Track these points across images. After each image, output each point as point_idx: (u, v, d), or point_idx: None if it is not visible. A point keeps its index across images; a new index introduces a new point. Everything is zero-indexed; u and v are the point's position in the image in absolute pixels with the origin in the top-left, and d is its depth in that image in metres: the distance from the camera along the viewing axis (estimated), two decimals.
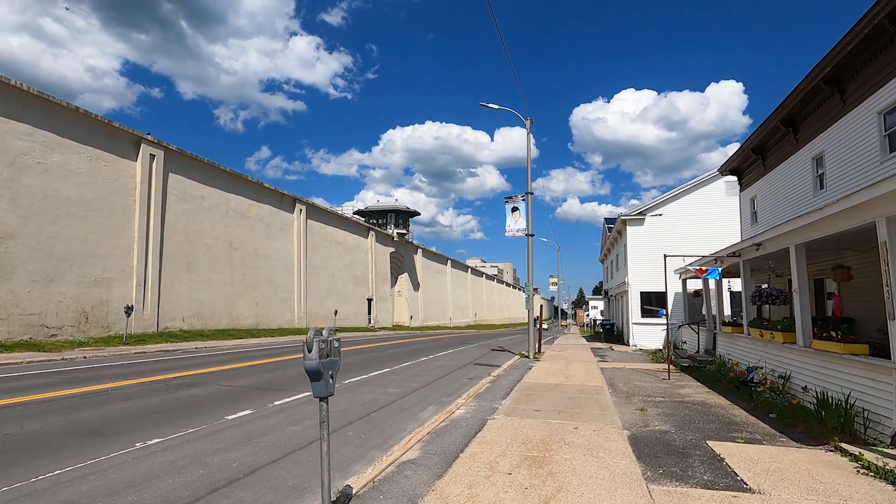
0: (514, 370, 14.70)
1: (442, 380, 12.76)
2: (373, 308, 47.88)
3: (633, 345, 25.61)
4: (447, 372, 14.37)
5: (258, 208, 31.80)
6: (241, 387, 10.56)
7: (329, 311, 38.53)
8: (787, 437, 7.04)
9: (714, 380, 12.43)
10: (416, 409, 8.98)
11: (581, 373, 14.13)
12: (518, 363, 16.78)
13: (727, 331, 13.85)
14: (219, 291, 27.70)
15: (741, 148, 18.43)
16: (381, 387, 11.21)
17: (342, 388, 10.71)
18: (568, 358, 18.93)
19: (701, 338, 17.19)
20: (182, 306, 25.12)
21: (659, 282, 26.50)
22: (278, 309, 32.96)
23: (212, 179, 27.88)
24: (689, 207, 25.80)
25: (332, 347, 3.80)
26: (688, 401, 9.89)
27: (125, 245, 22.21)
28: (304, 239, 36.62)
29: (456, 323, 76.20)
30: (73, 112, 20.25)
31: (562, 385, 11.74)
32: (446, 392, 10.91)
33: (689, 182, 26.08)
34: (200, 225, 26.88)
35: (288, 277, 34.43)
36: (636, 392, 10.91)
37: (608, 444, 6.54)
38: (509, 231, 19.83)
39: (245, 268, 30.13)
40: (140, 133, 23.16)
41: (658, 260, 26.26)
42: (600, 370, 15.01)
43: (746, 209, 19.80)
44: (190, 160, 26.28)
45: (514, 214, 19.74)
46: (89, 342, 19.38)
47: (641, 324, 25.72)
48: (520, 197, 19.69)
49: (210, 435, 6.75)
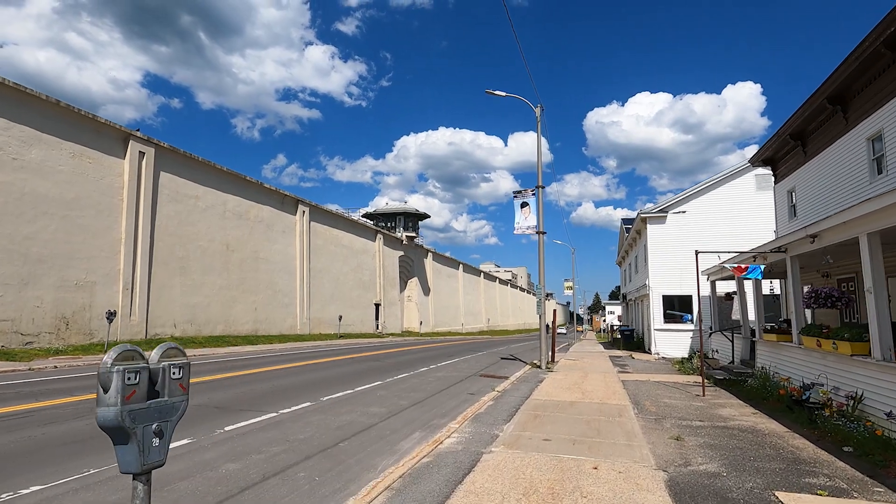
0: (522, 383, 12.97)
1: (438, 395, 11.08)
2: (381, 313, 46.36)
3: (656, 353, 23.65)
4: (447, 385, 12.69)
5: (258, 209, 30.52)
6: (198, 405, 9.01)
7: (333, 317, 37.08)
8: (884, 487, 5.22)
9: (758, 397, 10.57)
10: (398, 437, 7.33)
11: (599, 387, 12.34)
12: (528, 374, 15.03)
13: (770, 339, 11.95)
14: (214, 296, 26.39)
15: (777, 134, 16.49)
16: (365, 405, 9.58)
17: (316, 409, 9.11)
18: (584, 368, 17.11)
19: (736, 347, 15.26)
20: (174, 312, 23.82)
21: (683, 284, 24.59)
22: (279, 314, 31.57)
23: (207, 179, 26.65)
24: (715, 204, 23.81)
25: (167, 381, 2.20)
26: (733, 426, 8.07)
27: (111, 247, 20.98)
28: (308, 241, 35.27)
29: (468, 329, 74.37)
30: (54, 106, 19.11)
31: (577, 403, 9.99)
32: (440, 412, 9.24)
33: (715, 176, 24.11)
34: (195, 226, 25.63)
35: (289, 281, 33.07)
36: (667, 413, 9.12)
37: (641, 496, 4.81)
38: (518, 229, 18.12)
39: (243, 271, 28.81)
40: (128, 129, 21.98)
41: (681, 261, 24.40)
42: (621, 383, 13.20)
43: (783, 203, 17.82)
44: (183, 158, 25.07)
45: (524, 210, 18.04)
46: (68, 350, 18.09)
47: (664, 330, 23.75)
48: (529, 191, 17.99)
49: (107, 481, 5.16)
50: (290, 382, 12.27)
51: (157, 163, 23.44)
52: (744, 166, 23.38)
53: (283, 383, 12.06)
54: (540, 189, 17.86)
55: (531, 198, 17.92)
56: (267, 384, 11.82)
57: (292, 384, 11.99)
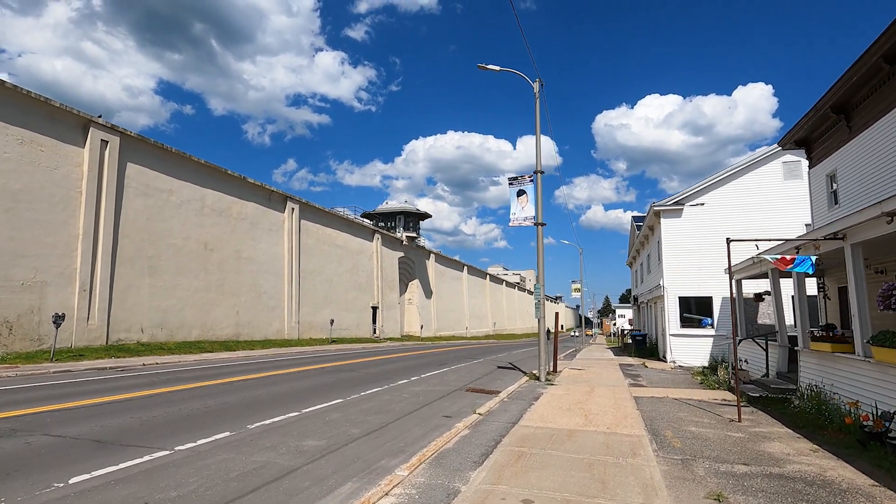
0: (514, 401, 10.72)
1: (405, 420, 8.87)
2: (378, 317, 44.22)
3: (671, 361, 21.26)
4: (421, 404, 10.48)
5: (241, 206, 28.55)
6: (75, 438, 6.88)
7: (326, 321, 34.99)
8: None
9: (812, 425, 8.24)
10: (317, 493, 5.14)
11: (607, 407, 10.06)
12: (523, 389, 12.77)
13: (821, 349, 9.60)
14: (189, 298, 24.40)
15: (816, 107, 14.11)
16: (300, 437, 7.39)
17: (230, 443, 6.94)
18: (590, 380, 14.80)
19: (772, 357, 12.88)
20: (141, 315, 21.84)
21: (702, 284, 22.15)
22: (264, 318, 29.54)
23: (182, 172, 24.72)
24: (737, 195, 21.41)
25: None
26: (794, 473, 5.79)
27: (66, 244, 19.05)
28: (297, 241, 33.26)
29: (473, 333, 72.03)
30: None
31: (578, 433, 7.73)
32: (396, 447, 7.04)
33: (737, 164, 21.71)
34: (167, 223, 23.68)
35: (276, 283, 31.04)
36: (697, 449, 6.85)
37: None
38: (514, 220, 15.89)
39: (223, 272, 26.82)
40: (88, 115, 20.09)
41: (700, 258, 22.00)
42: (634, 401, 10.90)
43: (820, 189, 15.44)
44: (154, 149, 23.15)
45: (521, 199, 15.81)
46: (8, 358, 16.13)
47: (680, 335, 21.35)
48: (527, 178, 15.76)
49: None
50: (228, 401, 10.14)
51: (123, 153, 21.52)
52: (770, 152, 20.98)
53: (217, 403, 9.93)
54: (538, 175, 15.63)
55: (529, 185, 15.70)
56: (195, 404, 9.68)
57: (228, 404, 9.85)
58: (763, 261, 10.62)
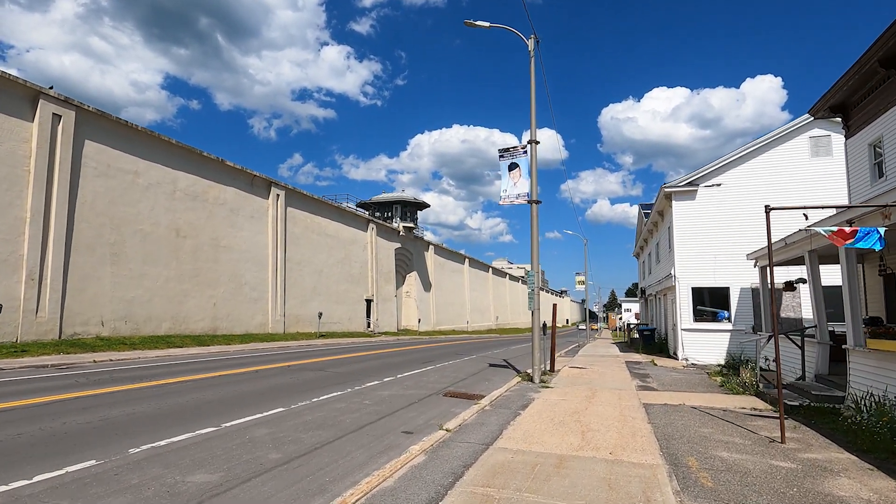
0: (496, 410, 8.74)
1: (350, 438, 6.92)
2: (373, 310, 42.35)
3: (683, 358, 19.21)
4: (382, 415, 8.53)
5: (219, 190, 26.63)
6: None
7: (314, 314, 33.14)
8: None
9: (882, 448, 6.21)
10: None
11: (611, 419, 8.06)
12: (513, 393, 10.81)
13: (885, 348, 7.54)
14: (159, 289, 22.56)
15: (859, 63, 11.90)
16: (189, 468, 5.45)
17: (86, 477, 5.00)
18: (592, 382, 12.80)
19: (809, 356, 10.82)
20: (101, 307, 20.02)
21: (718, 273, 19.95)
22: (245, 311, 27.69)
23: (151, 153, 22.80)
24: (758, 174, 19.26)
25: None
26: None
27: (11, 227, 17.21)
28: (283, 229, 31.35)
29: (475, 327, 70.15)
30: None
31: (570, 462, 5.74)
32: (317, 484, 5.08)
33: (758, 140, 19.51)
34: (133, 207, 21.80)
35: (259, 274, 29.17)
36: (737, 491, 4.84)
37: None
38: (506, 197, 13.84)
39: (198, 261, 24.96)
40: (37, 86, 18.18)
41: (716, 245, 19.76)
42: (644, 411, 8.91)
43: (861, 161, 13.30)
44: (116, 126, 21.23)
45: (513, 174, 13.76)
46: None
47: (694, 330, 19.29)
48: (520, 148, 13.69)
49: None
50: (137, 411, 8.23)
51: (80, 129, 19.61)
52: (795, 126, 18.79)
53: (119, 414, 8.02)
54: (533, 146, 13.56)
55: (522, 157, 13.63)
56: (90, 416, 7.78)
57: (132, 416, 7.94)
58: (813, 236, 8.56)
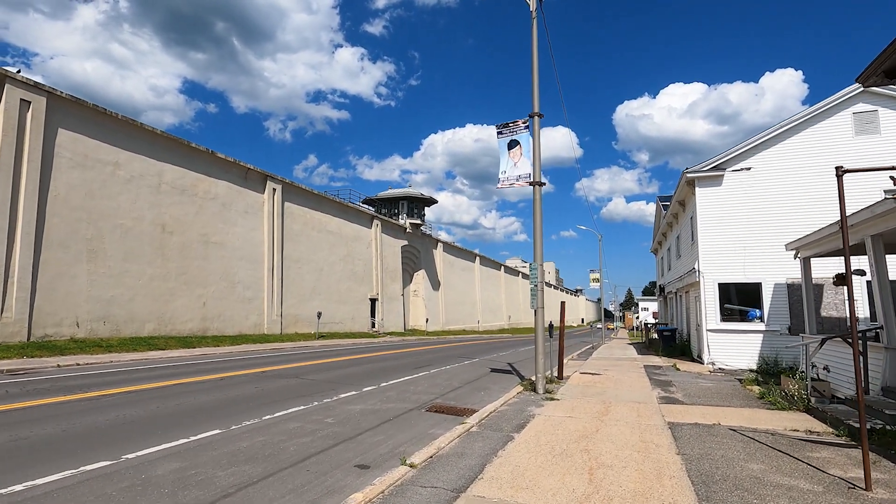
0: (486, 433, 7.01)
1: (282, 476, 5.25)
2: (378, 310, 40.80)
3: (709, 362, 17.22)
4: (340, 440, 6.86)
5: (209, 184, 25.27)
6: None
7: (313, 314, 31.67)
8: None
9: None
10: None
11: (628, 448, 6.27)
12: (510, 407, 9.06)
13: None
14: (141, 288, 21.23)
15: None
16: None
17: None
18: (606, 392, 10.98)
19: (873, 364, 8.86)
20: (77, 307, 18.72)
21: (748, 267, 17.71)
22: (238, 311, 26.30)
23: (133, 143, 21.48)
24: (793, 156, 17.19)
25: None
26: None
27: None
28: (280, 225, 29.93)
29: (486, 327, 68.30)
30: None
31: None
32: None
33: (792, 118, 17.42)
34: (113, 200, 20.48)
35: (254, 271, 27.77)
36: None
37: None
38: (504, 180, 12.07)
39: (187, 258, 23.61)
40: (3, 69, 16.91)
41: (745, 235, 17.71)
42: (671, 436, 7.09)
43: None
44: (93, 114, 19.92)
45: (513, 153, 11.98)
46: None
47: (721, 331, 17.29)
48: (521, 123, 11.91)
49: None
50: (32, 435, 6.70)
51: (52, 116, 18.32)
52: (836, 101, 16.68)
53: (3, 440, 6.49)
54: (536, 119, 11.77)
55: (523, 133, 11.85)
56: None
57: (20, 442, 6.40)
58: (884, 214, 6.66)
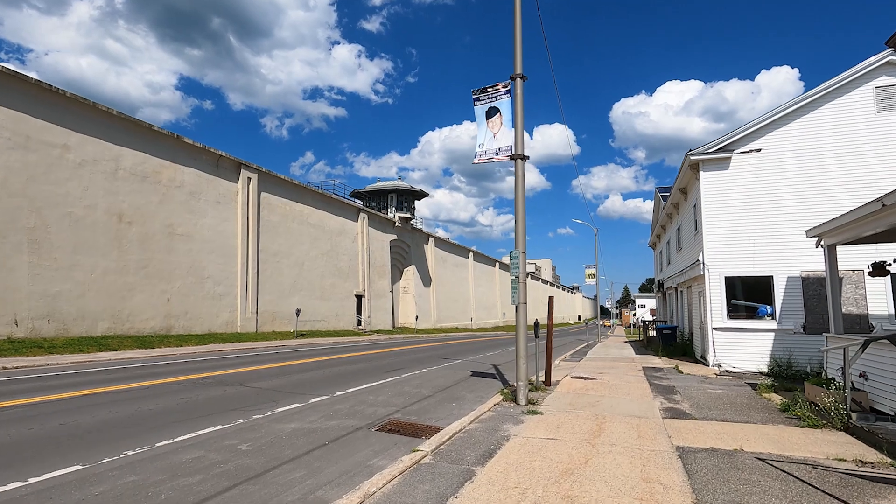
0: (441, 465, 5.27)
1: None
2: (364, 307, 39.05)
3: (715, 364, 15.56)
4: (243, 478, 5.12)
5: (174, 171, 23.43)
6: None
7: (293, 311, 29.90)
8: None
9: None
10: None
11: (626, 491, 4.53)
12: (482, 424, 7.33)
13: None
14: (94, 282, 19.42)
15: None
16: None
17: None
18: (600, 403, 9.26)
19: None
20: (15, 303, 16.92)
21: (757, 259, 15.94)
22: (207, 308, 24.51)
23: (86, 124, 19.64)
24: (808, 136, 15.50)
25: None
26: None
27: None
28: (256, 216, 28.12)
29: (480, 324, 66.65)
30: None
31: None
32: None
33: (806, 94, 15.71)
34: (61, 186, 18.65)
35: (226, 266, 25.96)
36: None
37: None
38: (482, 154, 10.33)
39: (148, 250, 21.80)
40: None
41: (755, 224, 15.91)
42: (682, 469, 5.35)
43: None
44: (36, 90, 18.07)
45: (491, 123, 10.24)
46: None
47: (728, 329, 15.62)
48: (501, 87, 10.16)
49: None
50: None
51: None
52: (857, 73, 14.96)
53: None
54: (519, 81, 10.02)
55: (504, 99, 10.10)
56: None
57: None
58: None
